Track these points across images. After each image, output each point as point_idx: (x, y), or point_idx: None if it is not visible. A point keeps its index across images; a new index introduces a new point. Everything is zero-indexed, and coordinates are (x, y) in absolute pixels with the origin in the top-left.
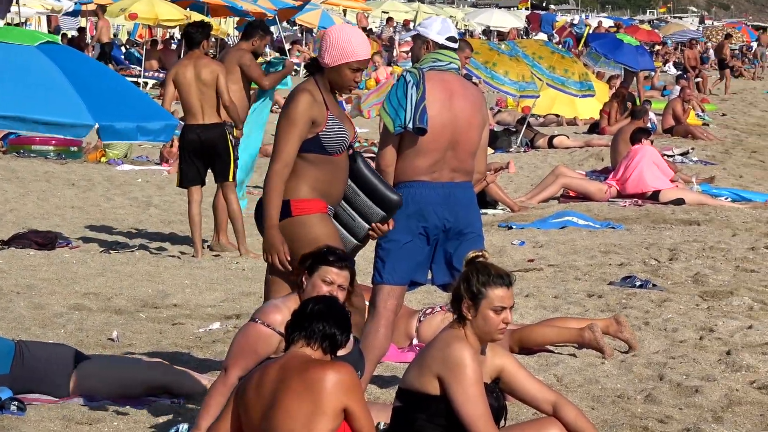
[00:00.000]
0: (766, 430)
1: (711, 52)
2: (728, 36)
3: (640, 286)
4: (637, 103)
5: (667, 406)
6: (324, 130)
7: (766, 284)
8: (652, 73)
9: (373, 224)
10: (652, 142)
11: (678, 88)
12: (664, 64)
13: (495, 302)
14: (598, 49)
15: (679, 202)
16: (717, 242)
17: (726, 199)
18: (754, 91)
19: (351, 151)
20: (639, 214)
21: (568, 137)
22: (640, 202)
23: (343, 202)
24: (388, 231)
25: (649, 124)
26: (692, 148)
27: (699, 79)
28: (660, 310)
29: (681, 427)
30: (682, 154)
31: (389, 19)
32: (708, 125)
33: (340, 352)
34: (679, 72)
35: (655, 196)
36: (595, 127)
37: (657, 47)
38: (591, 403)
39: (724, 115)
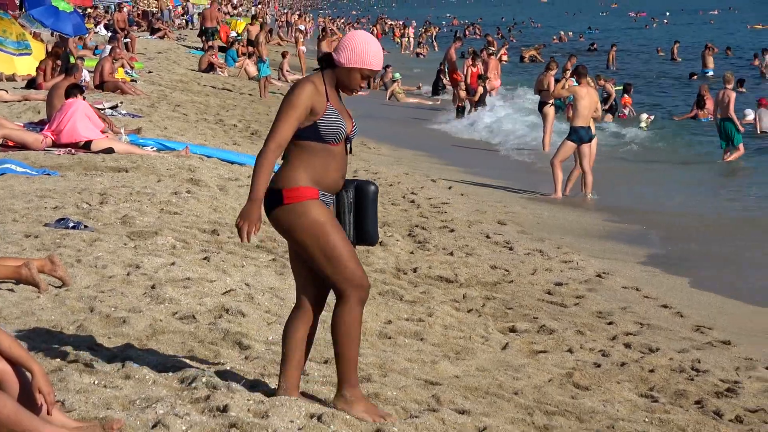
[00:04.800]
0: (187, 355)
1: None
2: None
3: (73, 227)
4: (71, 61)
5: (98, 336)
6: (322, 118)
7: (188, 225)
8: (86, 35)
9: None
10: (84, 97)
11: (109, 47)
12: (96, 26)
13: None
14: (35, 17)
15: (109, 151)
16: (143, 187)
17: (152, 148)
18: (179, 51)
19: (349, 144)
20: (72, 162)
21: (7, 92)
22: (73, 151)
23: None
24: None
25: (81, 80)
26: (121, 102)
27: (128, 40)
28: (91, 248)
29: (110, 354)
30: (112, 108)
31: None
32: (136, 81)
33: None
34: (110, 33)
35: (87, 146)
36: (32, 83)
37: (89, 10)
38: (28, 334)
39: (150, 72)
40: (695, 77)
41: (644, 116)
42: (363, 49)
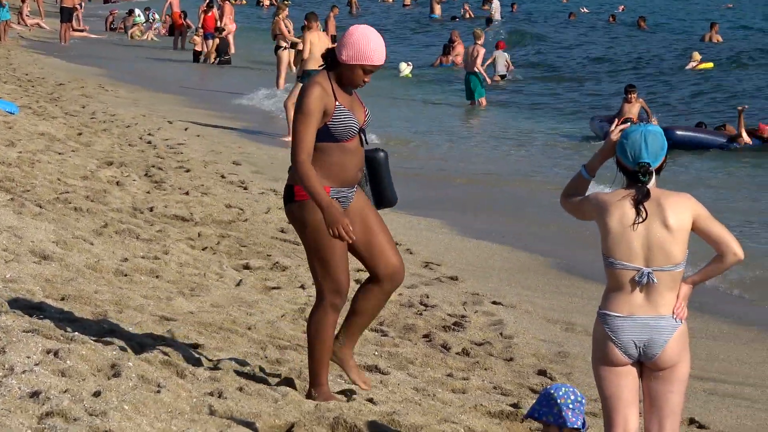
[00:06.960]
0: None
1: None
2: None
3: None
4: None
5: None
6: (332, 119)
7: None
8: None
9: None
10: None
11: None
12: None
13: None
14: None
15: None
16: None
17: None
18: None
19: (364, 135)
20: None
21: None
22: None
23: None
24: None
25: None
26: None
27: None
28: None
29: None
30: None
31: None
32: None
33: None
34: None
35: None
36: None
37: None
38: None
39: None
40: (456, 19)
41: (403, 65)
42: (363, 45)
